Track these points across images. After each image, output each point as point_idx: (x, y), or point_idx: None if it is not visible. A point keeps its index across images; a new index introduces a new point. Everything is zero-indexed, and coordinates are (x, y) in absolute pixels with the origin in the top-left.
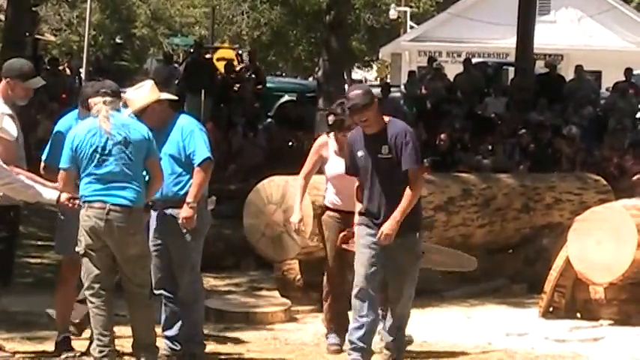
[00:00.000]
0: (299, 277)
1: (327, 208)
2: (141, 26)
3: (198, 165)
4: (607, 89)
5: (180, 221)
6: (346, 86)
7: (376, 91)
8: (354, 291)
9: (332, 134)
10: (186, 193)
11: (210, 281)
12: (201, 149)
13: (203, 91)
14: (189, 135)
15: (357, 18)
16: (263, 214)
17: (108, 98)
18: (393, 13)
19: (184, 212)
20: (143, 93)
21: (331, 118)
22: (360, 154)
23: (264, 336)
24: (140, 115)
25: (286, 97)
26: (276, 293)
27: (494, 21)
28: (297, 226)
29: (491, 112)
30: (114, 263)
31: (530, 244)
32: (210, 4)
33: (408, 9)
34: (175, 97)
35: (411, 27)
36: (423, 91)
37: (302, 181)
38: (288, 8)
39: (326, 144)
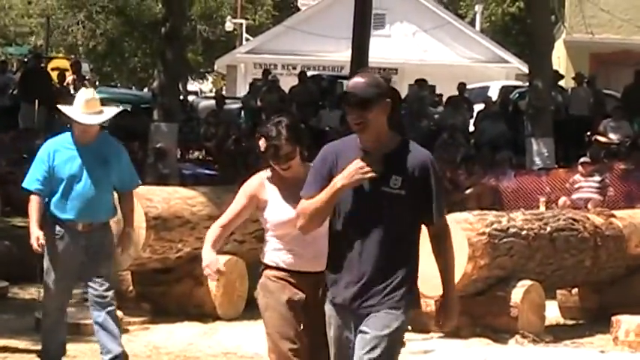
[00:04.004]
0: (131, 288)
1: (268, 267)
2: None
3: (131, 189)
4: (439, 103)
5: (119, 247)
6: (181, 97)
7: (211, 102)
8: None
9: (268, 170)
10: (109, 218)
11: (41, 292)
12: (134, 173)
13: (37, 101)
14: (123, 158)
15: (194, 29)
16: None
17: None
18: (229, 25)
19: (130, 239)
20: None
21: (262, 143)
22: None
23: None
24: (91, 127)
25: (121, 108)
26: None
27: (330, 34)
28: (212, 275)
29: (326, 125)
30: None
31: None
32: (45, 13)
33: (243, 21)
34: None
35: (247, 39)
36: (259, 103)
37: (217, 230)
38: (124, 19)
39: (262, 185)
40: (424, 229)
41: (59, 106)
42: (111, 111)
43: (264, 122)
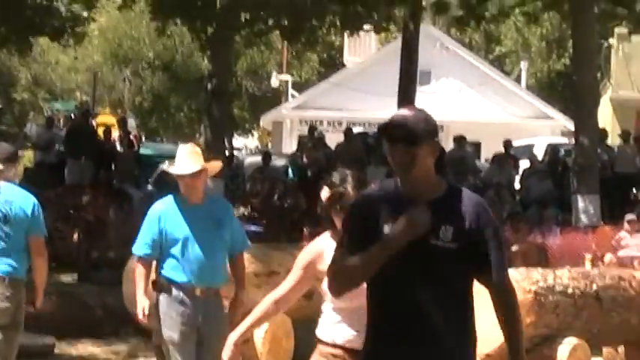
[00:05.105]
0: None
1: (322, 342)
2: (21, 90)
3: (242, 252)
4: (486, 160)
5: (231, 312)
6: (227, 152)
7: (257, 158)
8: None
9: (328, 233)
10: (225, 284)
11: (88, 348)
12: (245, 235)
13: (84, 157)
14: (234, 219)
15: (239, 85)
16: None
17: (0, 166)
18: (274, 81)
19: (240, 305)
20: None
21: (325, 193)
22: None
23: None
24: (194, 179)
25: (167, 164)
26: None
27: (376, 91)
28: None
29: (372, 182)
30: None
31: None
32: (91, 69)
33: (289, 77)
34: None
35: (293, 95)
36: (304, 160)
37: (267, 307)
38: (170, 74)
39: (320, 253)
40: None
41: (165, 169)
42: (216, 164)
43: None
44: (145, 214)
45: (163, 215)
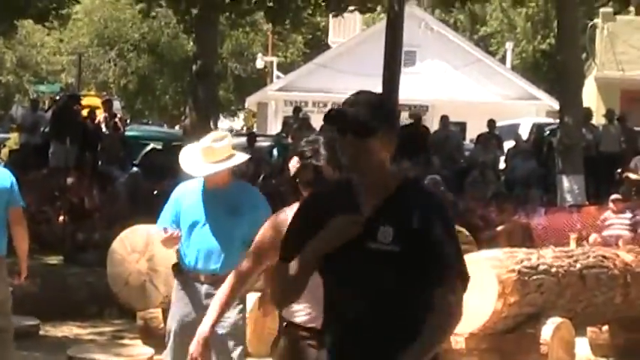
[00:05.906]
0: (162, 325)
1: (292, 325)
2: (6, 73)
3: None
4: (471, 140)
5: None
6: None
7: (241, 140)
8: None
9: (294, 206)
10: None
11: (73, 330)
12: None
13: (68, 139)
14: (261, 213)
15: (225, 67)
16: (127, 263)
17: None
18: (260, 63)
19: (264, 295)
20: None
21: (293, 163)
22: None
23: None
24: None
25: (152, 146)
26: (139, 342)
27: (360, 71)
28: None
29: None
30: None
31: None
32: (76, 51)
33: (274, 59)
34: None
35: (278, 77)
36: (289, 140)
37: (233, 280)
38: (155, 57)
39: (283, 229)
40: None
41: (181, 158)
42: (239, 157)
43: (298, 144)
44: (129, 196)
45: (181, 197)
